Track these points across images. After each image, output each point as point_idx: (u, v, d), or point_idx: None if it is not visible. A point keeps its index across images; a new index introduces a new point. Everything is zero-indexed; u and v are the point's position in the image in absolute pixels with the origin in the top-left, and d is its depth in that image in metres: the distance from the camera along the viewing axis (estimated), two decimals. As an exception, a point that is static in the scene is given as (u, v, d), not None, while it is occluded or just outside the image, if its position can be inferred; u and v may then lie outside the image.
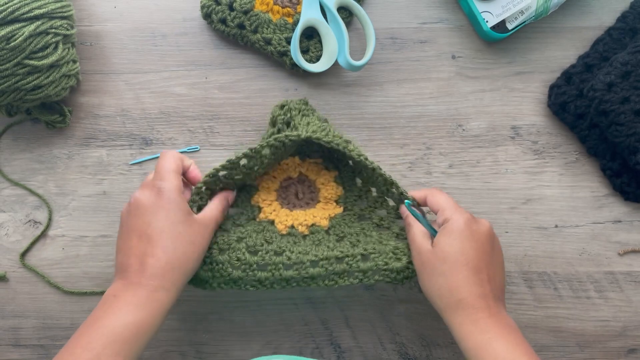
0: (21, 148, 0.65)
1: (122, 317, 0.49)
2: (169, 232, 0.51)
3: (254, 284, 0.56)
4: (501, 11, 0.62)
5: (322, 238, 0.58)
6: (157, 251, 0.51)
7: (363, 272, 0.56)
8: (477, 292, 0.51)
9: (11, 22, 0.55)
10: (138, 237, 0.51)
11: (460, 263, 0.51)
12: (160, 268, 0.50)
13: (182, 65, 0.65)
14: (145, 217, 0.52)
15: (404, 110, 0.65)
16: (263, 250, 0.57)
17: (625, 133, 0.59)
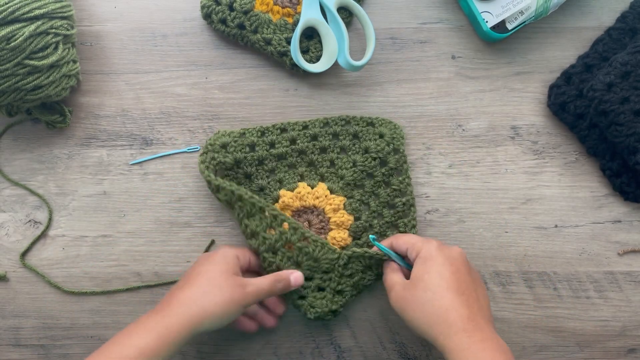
0: (21, 148, 0.65)
1: (132, 339, 0.49)
2: (206, 274, 0.54)
3: None
4: (501, 11, 0.62)
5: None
6: (193, 289, 0.53)
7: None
8: (465, 314, 0.49)
9: (11, 22, 0.55)
10: (187, 278, 0.55)
11: (443, 287, 0.51)
12: (186, 306, 0.51)
13: (182, 65, 0.65)
14: (197, 267, 0.56)
15: (404, 110, 0.65)
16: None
17: (625, 133, 0.59)
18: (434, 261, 0.52)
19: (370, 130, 0.62)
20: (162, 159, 0.64)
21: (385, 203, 0.62)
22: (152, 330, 0.49)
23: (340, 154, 0.63)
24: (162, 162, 0.64)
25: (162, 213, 0.64)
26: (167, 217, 0.64)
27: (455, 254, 0.54)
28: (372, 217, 0.62)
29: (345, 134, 0.63)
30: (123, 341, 0.49)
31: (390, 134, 0.62)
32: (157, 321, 0.50)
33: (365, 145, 0.62)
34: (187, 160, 0.64)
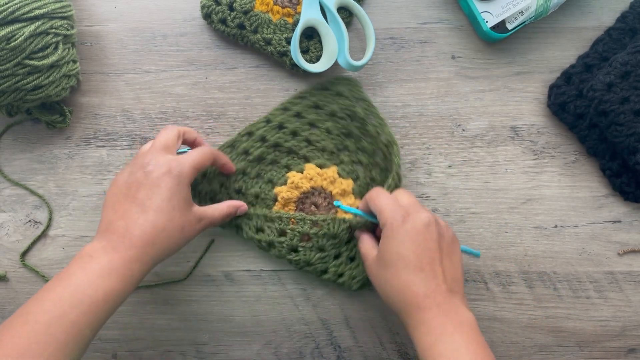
0: (21, 148, 0.65)
1: (93, 281, 0.48)
2: (165, 211, 0.52)
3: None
4: (501, 11, 0.62)
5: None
6: (146, 224, 0.51)
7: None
8: (421, 292, 0.49)
9: (11, 22, 0.55)
10: (136, 204, 0.52)
11: (400, 267, 0.50)
12: (143, 240, 0.51)
13: (182, 65, 0.65)
14: (150, 188, 0.52)
15: (403, 110, 0.65)
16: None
17: (625, 133, 0.59)
18: (394, 238, 0.51)
19: (327, 94, 0.63)
20: (162, 159, 0.64)
21: (372, 151, 0.62)
22: (117, 275, 0.49)
23: (311, 129, 0.63)
24: (162, 162, 0.64)
25: (162, 213, 0.64)
26: (167, 217, 0.64)
27: (419, 224, 0.51)
28: (368, 170, 0.62)
29: (307, 110, 0.63)
30: (90, 282, 0.48)
31: (347, 89, 0.62)
32: (121, 265, 0.50)
33: (329, 110, 0.63)
34: (187, 160, 0.64)
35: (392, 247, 0.51)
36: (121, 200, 0.52)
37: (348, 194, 0.63)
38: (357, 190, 0.63)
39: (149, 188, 0.52)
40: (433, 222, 0.52)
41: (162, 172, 0.52)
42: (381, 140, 0.61)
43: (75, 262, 0.50)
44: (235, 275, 0.63)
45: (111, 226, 0.51)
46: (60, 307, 0.47)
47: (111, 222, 0.52)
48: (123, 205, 0.52)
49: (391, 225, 0.51)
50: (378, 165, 0.62)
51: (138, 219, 0.51)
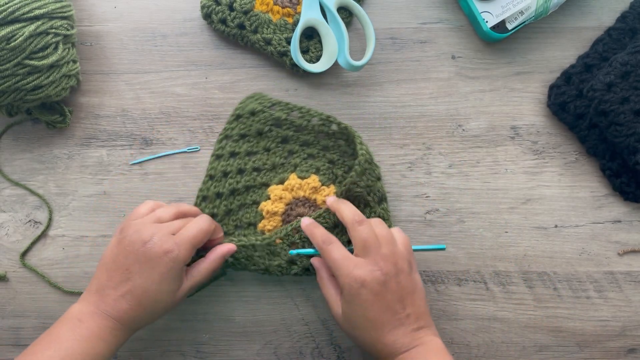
0: (21, 148, 0.65)
1: (83, 346, 0.51)
2: (151, 296, 0.53)
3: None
4: (501, 11, 0.62)
5: None
6: (133, 302, 0.53)
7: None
8: (390, 342, 0.52)
9: (11, 22, 0.55)
10: (127, 280, 0.53)
11: (368, 327, 0.52)
12: (128, 316, 0.53)
13: (182, 65, 0.65)
14: (143, 266, 0.53)
15: (404, 110, 0.65)
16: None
17: (625, 133, 0.59)
18: (356, 304, 0.52)
19: (244, 119, 0.62)
20: (162, 159, 0.65)
21: (314, 138, 0.63)
22: (105, 340, 0.52)
23: (251, 157, 0.63)
24: (162, 162, 0.64)
25: (162, 213, 0.64)
26: (167, 217, 0.64)
27: (377, 286, 0.51)
28: (322, 157, 0.63)
29: (237, 145, 0.63)
30: (79, 347, 0.50)
31: (256, 104, 0.62)
32: (109, 332, 0.52)
33: (255, 131, 0.62)
34: (187, 160, 0.64)
35: (355, 312, 0.52)
36: (115, 267, 0.53)
37: (319, 189, 0.62)
38: (324, 179, 0.63)
39: (143, 266, 0.53)
40: (391, 275, 0.52)
41: (159, 255, 0.52)
42: (316, 124, 0.62)
43: (64, 324, 0.52)
44: (235, 275, 0.63)
45: (102, 292, 0.53)
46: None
47: (103, 289, 0.53)
48: (116, 273, 0.53)
49: (349, 291, 0.52)
50: (327, 147, 0.62)
51: (126, 294, 0.52)
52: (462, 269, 0.63)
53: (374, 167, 0.61)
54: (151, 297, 0.53)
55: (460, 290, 0.63)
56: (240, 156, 0.62)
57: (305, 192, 0.62)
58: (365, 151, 0.59)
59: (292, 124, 0.62)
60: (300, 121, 0.62)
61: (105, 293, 0.53)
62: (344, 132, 0.61)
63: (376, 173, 0.61)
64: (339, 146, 0.63)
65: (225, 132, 0.62)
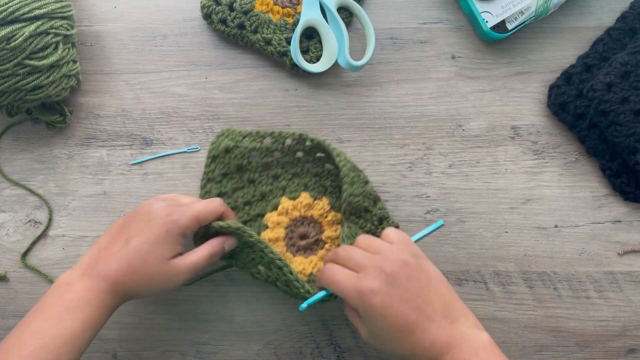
0: (22, 148, 0.65)
1: (72, 311, 0.49)
2: (141, 255, 0.52)
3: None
4: (501, 11, 0.62)
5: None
6: (123, 261, 0.52)
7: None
8: (428, 344, 0.48)
9: (11, 22, 0.55)
10: (123, 237, 0.53)
11: (397, 337, 0.49)
12: (115, 276, 0.51)
13: (182, 65, 0.65)
14: (141, 225, 0.52)
15: (404, 110, 0.65)
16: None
17: (625, 133, 0.59)
18: (375, 318, 0.49)
19: (220, 159, 0.61)
20: (162, 159, 0.65)
21: (293, 157, 0.62)
22: (94, 304, 0.50)
23: (238, 192, 0.62)
24: (162, 162, 0.64)
25: (162, 213, 0.64)
26: (167, 217, 0.64)
27: (387, 290, 0.48)
28: (307, 172, 0.63)
29: (222, 186, 0.62)
30: (68, 312, 0.49)
31: (228, 140, 0.61)
32: (97, 295, 0.50)
33: (234, 167, 0.61)
34: (187, 160, 0.64)
35: (378, 325, 0.49)
36: (116, 229, 0.54)
37: (313, 205, 0.62)
38: (314, 194, 0.62)
39: (141, 225, 0.52)
40: (397, 272, 0.49)
41: (159, 213, 0.52)
42: (289, 144, 0.61)
43: (52, 292, 0.51)
44: (235, 275, 0.63)
45: (97, 254, 0.53)
46: (41, 338, 0.47)
47: (98, 251, 0.53)
48: (115, 235, 0.53)
49: (363, 306, 0.49)
50: (309, 161, 0.62)
51: (119, 252, 0.52)
52: (462, 269, 0.63)
53: (359, 172, 0.61)
54: (142, 257, 0.51)
55: (460, 290, 0.63)
56: (228, 195, 0.62)
57: (300, 211, 0.62)
58: (345, 161, 0.58)
59: (268, 150, 0.62)
60: (274, 146, 0.62)
61: (100, 255, 0.52)
62: (319, 146, 0.61)
63: (362, 177, 0.60)
64: (319, 159, 0.62)
65: (207, 175, 0.61)
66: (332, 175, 0.62)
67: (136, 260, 0.52)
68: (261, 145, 0.62)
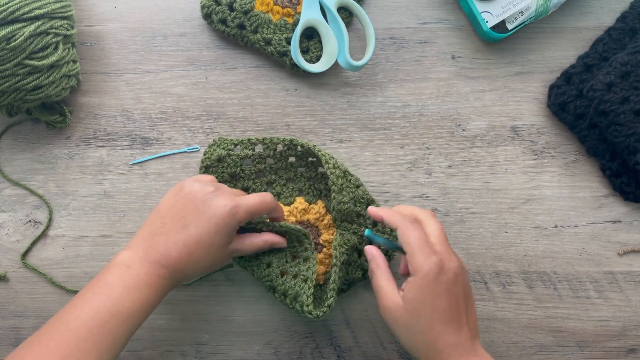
0: (22, 148, 0.65)
1: (131, 292, 0.50)
2: (203, 246, 0.53)
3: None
4: (501, 11, 0.62)
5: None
6: (184, 250, 0.52)
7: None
8: (453, 342, 0.50)
9: (11, 22, 0.55)
10: (182, 225, 0.53)
11: (435, 319, 0.50)
12: (177, 263, 0.52)
13: (182, 65, 0.65)
14: (201, 217, 0.53)
15: (404, 110, 0.65)
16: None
17: (625, 133, 0.59)
18: (430, 289, 0.50)
19: (214, 169, 0.62)
20: (162, 159, 0.65)
21: (285, 162, 0.63)
22: (152, 288, 0.51)
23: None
24: (162, 162, 0.64)
25: (162, 213, 0.64)
26: (167, 217, 0.64)
27: (453, 276, 0.50)
28: (300, 176, 0.63)
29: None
30: (128, 293, 0.50)
31: (219, 149, 0.61)
32: (156, 281, 0.51)
33: (227, 176, 0.62)
34: (187, 160, 0.64)
35: (426, 298, 0.50)
36: (171, 215, 0.53)
37: (309, 209, 0.62)
38: (309, 198, 0.63)
39: (200, 216, 0.53)
40: (462, 270, 0.52)
41: (219, 207, 0.53)
42: (280, 150, 0.62)
43: (111, 270, 0.51)
44: (235, 275, 0.63)
45: (153, 238, 0.53)
46: (102, 316, 0.48)
47: (154, 235, 0.53)
48: (172, 220, 0.53)
49: (426, 275, 0.50)
50: (301, 165, 0.63)
51: (179, 241, 0.52)
52: (462, 269, 0.63)
53: (349, 177, 0.61)
54: (203, 248, 0.52)
55: (460, 290, 0.63)
56: None
57: (297, 216, 0.62)
58: (333, 168, 0.59)
59: (260, 157, 0.62)
60: (266, 152, 0.62)
61: (156, 240, 0.52)
62: (310, 151, 0.61)
63: (353, 182, 0.61)
64: (311, 163, 0.63)
65: None
66: (326, 178, 0.62)
67: (198, 251, 0.52)
68: (253, 153, 0.62)
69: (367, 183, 0.64)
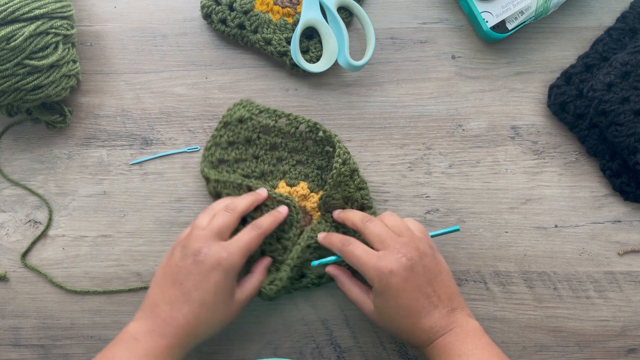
0: (21, 148, 0.65)
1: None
2: (208, 307, 0.53)
3: None
4: (501, 11, 0.62)
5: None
6: (190, 316, 0.52)
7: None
8: (427, 327, 0.52)
9: (11, 22, 0.55)
10: (182, 293, 0.53)
11: (404, 316, 0.52)
12: (186, 330, 0.52)
13: (182, 65, 0.65)
14: (198, 279, 0.52)
15: (404, 110, 0.65)
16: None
17: (625, 133, 0.60)
18: (388, 295, 0.52)
19: (231, 127, 0.62)
20: (162, 159, 0.65)
21: (303, 144, 0.63)
22: (160, 358, 0.51)
23: (240, 164, 0.63)
24: (162, 162, 0.64)
25: (162, 213, 0.64)
26: (167, 217, 0.64)
27: (405, 273, 0.52)
28: (311, 163, 0.63)
29: (225, 152, 0.62)
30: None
31: (244, 110, 0.62)
32: (164, 351, 0.51)
33: (243, 139, 0.62)
34: (187, 160, 0.64)
35: (389, 302, 0.53)
36: (169, 284, 0.53)
37: (308, 196, 0.62)
38: (313, 186, 0.63)
39: (197, 279, 0.52)
40: (416, 259, 0.53)
41: (212, 264, 0.53)
42: (304, 130, 0.62)
43: (119, 344, 0.51)
44: (235, 275, 0.63)
45: (157, 309, 0.53)
46: None
47: (157, 305, 0.53)
48: (171, 289, 0.53)
49: (379, 284, 0.52)
50: (316, 153, 0.63)
51: (183, 308, 0.52)
52: (462, 269, 0.63)
53: (355, 177, 0.61)
54: (209, 309, 0.52)
55: (460, 290, 0.63)
56: (229, 164, 0.62)
57: (295, 199, 0.62)
58: (342, 164, 0.59)
59: (280, 131, 0.62)
60: (288, 128, 0.62)
61: (160, 309, 0.52)
62: (329, 140, 0.61)
63: (356, 183, 0.61)
64: (327, 152, 0.63)
65: (214, 139, 0.62)
66: (323, 168, 0.63)
67: (203, 313, 0.52)
68: (275, 124, 0.62)
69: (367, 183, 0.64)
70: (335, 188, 0.59)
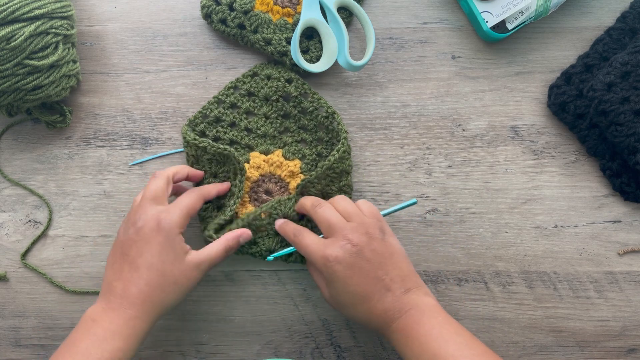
0: (22, 148, 0.65)
1: (98, 345, 0.50)
2: (156, 269, 0.52)
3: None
4: (501, 11, 0.62)
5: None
6: (140, 282, 0.52)
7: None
8: (381, 311, 0.52)
9: (11, 22, 0.55)
10: (129, 264, 0.53)
11: (355, 302, 0.52)
12: (140, 299, 0.52)
13: (182, 65, 0.65)
14: (140, 245, 0.53)
15: (404, 110, 0.65)
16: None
17: (625, 133, 0.60)
18: (337, 282, 0.52)
19: (258, 79, 0.63)
20: (162, 159, 0.65)
21: (313, 127, 0.63)
22: (120, 335, 0.51)
23: (249, 117, 0.64)
24: (162, 162, 0.64)
25: (162, 213, 0.64)
26: (167, 217, 0.64)
27: (350, 259, 0.52)
28: (314, 147, 0.63)
29: (241, 99, 0.63)
30: (94, 346, 0.50)
31: (275, 71, 0.63)
32: (123, 324, 0.51)
33: (263, 95, 0.63)
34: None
35: (338, 290, 0.53)
36: (118, 259, 0.54)
37: (297, 174, 0.63)
38: (305, 168, 0.63)
39: (139, 245, 0.53)
40: (363, 244, 0.52)
41: (151, 227, 0.53)
42: (321, 114, 0.62)
43: (79, 328, 0.52)
44: (235, 275, 0.63)
45: (110, 287, 0.53)
46: None
47: (110, 283, 0.53)
48: (119, 264, 0.53)
49: (327, 271, 0.52)
50: (322, 140, 0.63)
51: (132, 277, 0.52)
52: (462, 269, 0.63)
53: (343, 179, 0.61)
54: (158, 271, 0.52)
55: (460, 290, 0.63)
56: (239, 111, 0.63)
57: (283, 172, 0.62)
58: (337, 158, 0.59)
59: (300, 104, 0.63)
60: (307, 105, 0.62)
61: (113, 286, 0.53)
62: (338, 133, 0.61)
63: (340, 184, 0.61)
64: (332, 144, 0.63)
65: (237, 82, 0.63)
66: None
67: (153, 277, 0.52)
68: (298, 96, 0.63)
69: (367, 183, 0.64)
70: (319, 179, 0.60)
